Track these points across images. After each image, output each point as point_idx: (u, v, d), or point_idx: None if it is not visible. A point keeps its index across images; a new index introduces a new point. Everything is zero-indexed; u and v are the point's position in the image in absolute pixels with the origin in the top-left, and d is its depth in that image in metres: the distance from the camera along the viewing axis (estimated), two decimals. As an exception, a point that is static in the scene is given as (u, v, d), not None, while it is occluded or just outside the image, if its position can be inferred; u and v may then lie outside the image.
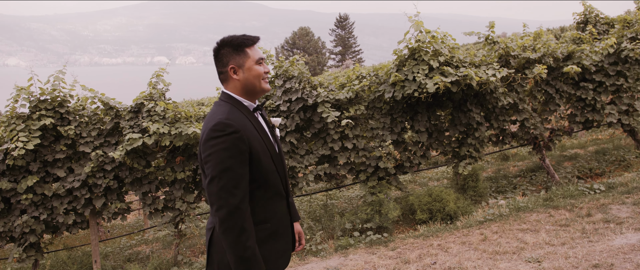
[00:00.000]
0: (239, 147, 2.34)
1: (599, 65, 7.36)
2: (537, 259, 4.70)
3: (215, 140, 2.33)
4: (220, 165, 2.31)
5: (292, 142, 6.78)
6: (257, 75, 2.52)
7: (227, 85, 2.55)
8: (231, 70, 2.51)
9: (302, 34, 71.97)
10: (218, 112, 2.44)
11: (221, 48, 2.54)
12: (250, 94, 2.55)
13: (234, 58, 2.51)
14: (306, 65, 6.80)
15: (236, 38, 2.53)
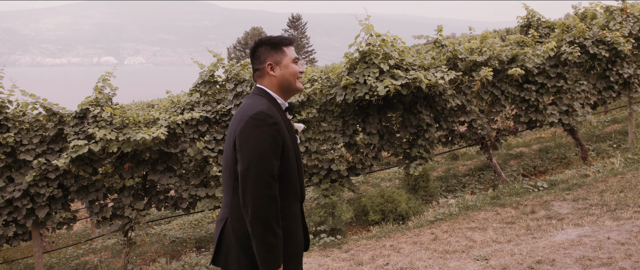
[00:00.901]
0: (276, 140, 2.40)
1: (541, 67, 7.66)
2: (485, 257, 4.84)
3: (256, 129, 2.38)
4: (257, 154, 2.35)
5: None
6: (293, 73, 2.61)
7: (263, 81, 2.61)
8: (268, 66, 2.58)
9: (254, 34, 71.48)
10: (258, 103, 2.48)
11: (259, 46, 2.63)
12: (285, 91, 2.62)
13: (271, 55, 2.58)
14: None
15: (274, 37, 2.62)
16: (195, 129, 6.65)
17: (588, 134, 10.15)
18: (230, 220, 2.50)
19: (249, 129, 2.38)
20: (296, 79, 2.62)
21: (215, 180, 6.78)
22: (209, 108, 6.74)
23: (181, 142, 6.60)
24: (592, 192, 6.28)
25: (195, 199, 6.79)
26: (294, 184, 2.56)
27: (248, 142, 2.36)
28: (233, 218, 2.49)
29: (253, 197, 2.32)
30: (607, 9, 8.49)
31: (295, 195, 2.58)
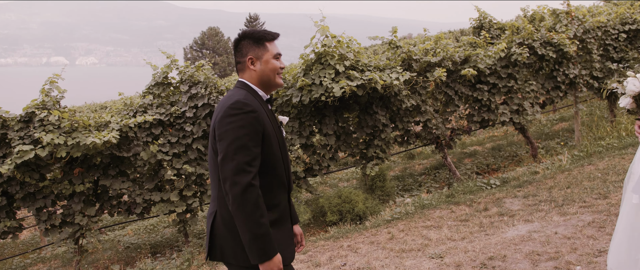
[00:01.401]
0: (254, 127, 2.41)
1: (493, 68, 7.86)
2: (440, 255, 4.92)
3: (233, 118, 2.39)
4: (235, 143, 2.36)
5: (200, 149, 6.62)
6: (273, 69, 2.62)
7: (244, 74, 2.64)
8: (249, 60, 2.60)
9: (211, 34, 70.58)
10: (235, 94, 2.51)
11: (242, 39, 2.64)
12: (265, 86, 2.64)
13: (253, 50, 2.60)
14: (215, 67, 6.68)
15: (257, 31, 2.63)
16: (148, 132, 6.50)
17: (538, 132, 10.50)
18: (219, 212, 2.51)
19: (227, 118, 2.39)
20: (276, 75, 2.63)
21: (170, 184, 6.65)
22: (163, 110, 6.60)
23: (134, 146, 6.43)
24: (541, 188, 6.49)
25: (150, 204, 6.64)
26: (280, 173, 2.57)
27: (226, 132, 2.38)
28: (223, 210, 2.49)
29: (232, 186, 2.33)
30: (554, 12, 8.80)
31: (283, 186, 2.59)
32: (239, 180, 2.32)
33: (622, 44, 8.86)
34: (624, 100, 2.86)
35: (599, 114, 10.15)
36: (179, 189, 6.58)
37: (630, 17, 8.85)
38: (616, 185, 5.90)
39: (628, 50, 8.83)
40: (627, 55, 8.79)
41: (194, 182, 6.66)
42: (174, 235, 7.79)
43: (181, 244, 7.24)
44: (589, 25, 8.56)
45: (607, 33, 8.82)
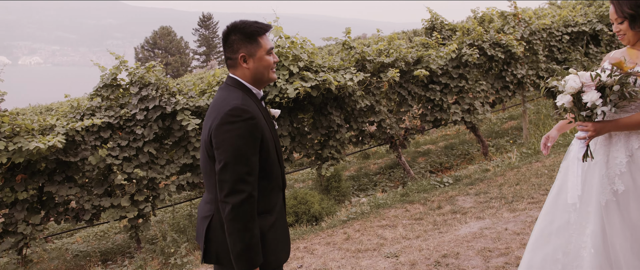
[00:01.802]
0: (253, 134, 2.34)
1: (444, 68, 8.02)
2: (395, 254, 4.97)
3: (232, 126, 2.30)
4: (235, 152, 2.30)
5: (151, 152, 6.44)
6: (268, 66, 2.52)
7: (235, 71, 2.52)
8: (241, 58, 2.48)
9: (163, 34, 69.17)
10: (232, 97, 2.41)
11: (231, 33, 2.49)
12: (258, 82, 2.54)
13: (245, 46, 2.47)
14: (167, 66, 6.53)
15: (248, 25, 2.47)
16: (97, 135, 6.28)
17: (488, 131, 10.79)
18: (217, 215, 2.45)
19: (225, 126, 2.31)
20: (270, 71, 2.54)
21: (121, 189, 6.44)
22: (112, 113, 6.39)
23: (82, 150, 6.20)
24: (492, 186, 6.66)
25: (100, 210, 6.42)
26: (277, 175, 2.54)
27: (225, 140, 2.30)
28: (220, 212, 2.42)
29: (231, 196, 2.29)
30: (502, 14, 9.06)
31: (278, 187, 2.57)
32: (239, 191, 2.29)
33: (566, 45, 9.22)
34: (562, 98, 2.88)
35: (546, 113, 10.52)
36: (130, 194, 6.39)
37: (572, 20, 9.22)
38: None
39: (571, 51, 9.19)
40: (570, 56, 9.15)
41: (145, 186, 6.48)
42: (125, 242, 7.57)
43: (133, 250, 7.04)
44: (535, 27, 8.85)
45: (552, 35, 9.15)
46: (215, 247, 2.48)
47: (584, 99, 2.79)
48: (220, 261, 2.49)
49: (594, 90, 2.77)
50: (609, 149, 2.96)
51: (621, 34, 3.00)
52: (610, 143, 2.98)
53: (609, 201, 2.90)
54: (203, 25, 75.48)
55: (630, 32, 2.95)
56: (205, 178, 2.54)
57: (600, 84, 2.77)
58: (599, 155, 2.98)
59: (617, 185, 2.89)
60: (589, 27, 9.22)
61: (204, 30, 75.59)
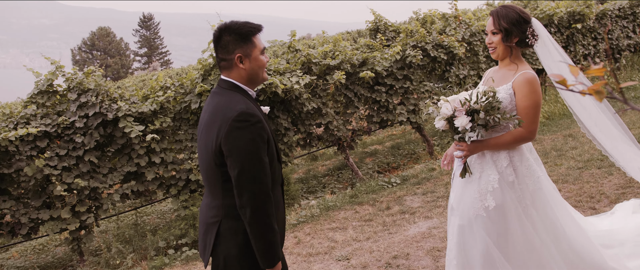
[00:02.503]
0: (262, 137, 2.42)
1: (389, 70, 8.14)
2: (346, 257, 5.00)
3: (242, 132, 2.37)
4: (249, 156, 2.37)
5: (93, 161, 6.19)
6: (262, 66, 2.57)
7: (230, 73, 2.54)
8: (238, 59, 2.50)
9: (102, 35, 66.91)
10: (234, 101, 2.45)
11: (224, 34, 2.50)
12: (253, 83, 2.59)
13: (241, 47, 2.49)
14: (107, 69, 6.29)
15: (242, 25, 2.51)
16: (32, 145, 5.97)
17: (433, 130, 11.02)
18: (226, 221, 2.50)
19: (236, 132, 2.36)
20: (263, 71, 2.59)
21: (61, 200, 6.15)
22: (49, 121, 6.09)
23: (16, 161, 5.88)
24: (438, 184, 6.81)
25: (38, 223, 6.10)
26: (277, 171, 2.61)
27: (238, 147, 2.36)
28: (229, 218, 2.49)
29: (250, 200, 2.37)
30: (444, 15, 9.29)
31: (277, 181, 2.64)
32: (258, 191, 2.38)
33: (504, 45, 9.56)
34: (438, 123, 3.06)
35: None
36: (71, 205, 6.12)
37: (510, 20, 9.56)
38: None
39: (509, 52, 9.53)
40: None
41: (87, 196, 6.22)
42: (67, 255, 7.23)
43: (76, 263, 6.74)
44: (475, 29, 9.13)
45: (491, 36, 9.46)
46: (224, 253, 2.52)
47: (456, 123, 2.98)
48: (229, 266, 2.53)
49: (464, 116, 2.95)
50: (483, 166, 3.13)
51: (492, 47, 3.15)
52: (483, 161, 3.14)
53: (478, 216, 3.06)
54: (144, 26, 73.53)
55: (500, 46, 3.11)
56: (207, 184, 2.59)
57: (470, 109, 2.96)
58: (474, 172, 3.15)
59: (489, 201, 3.04)
60: (524, 28, 9.61)
61: (145, 31, 73.68)
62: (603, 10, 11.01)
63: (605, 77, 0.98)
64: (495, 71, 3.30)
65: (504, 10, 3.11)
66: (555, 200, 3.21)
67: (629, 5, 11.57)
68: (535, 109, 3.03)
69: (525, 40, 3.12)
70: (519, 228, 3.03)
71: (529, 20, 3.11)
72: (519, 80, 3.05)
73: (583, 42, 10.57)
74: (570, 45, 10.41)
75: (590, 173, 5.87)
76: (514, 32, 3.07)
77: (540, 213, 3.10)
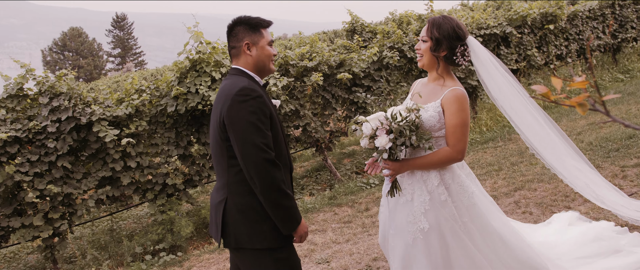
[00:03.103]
0: (264, 111, 2.52)
1: (366, 71, 8.15)
2: (327, 260, 4.98)
3: (243, 105, 2.47)
4: (251, 127, 2.46)
5: (66, 166, 6.05)
6: (269, 56, 2.72)
7: (239, 60, 2.71)
8: (245, 46, 2.67)
9: (73, 35, 65.66)
10: (238, 81, 2.58)
11: (237, 25, 2.71)
12: (260, 71, 2.73)
13: (249, 35, 2.67)
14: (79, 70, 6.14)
15: (253, 18, 2.70)
16: (2, 151, 5.80)
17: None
18: (231, 199, 2.58)
19: (237, 106, 2.48)
20: (270, 61, 2.74)
21: (33, 207, 5.99)
22: (19, 126, 5.92)
23: (-15, 167, 5.70)
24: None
25: (8, 231, 5.94)
26: (284, 155, 2.68)
27: (238, 119, 2.47)
28: (234, 195, 2.58)
29: (257, 169, 2.45)
30: (420, 16, 9.35)
31: (286, 166, 2.71)
32: (263, 161, 2.45)
33: (479, 46, 9.66)
34: (362, 141, 2.99)
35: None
36: (44, 212, 5.96)
37: (484, 22, 9.68)
38: (480, 178, 6.39)
39: (484, 52, 9.63)
40: (484, 56, 9.59)
41: (60, 202, 6.07)
42: (40, 262, 7.06)
43: (48, 271, 6.58)
44: (450, 30, 9.21)
45: (466, 36, 9.56)
46: (233, 230, 2.60)
47: (376, 143, 2.87)
48: (240, 243, 2.60)
49: (384, 135, 2.84)
50: (413, 187, 3.00)
51: (419, 54, 3.07)
52: (414, 181, 3.02)
53: (416, 239, 2.94)
54: (117, 26, 72.43)
55: (427, 55, 3.01)
56: (216, 165, 2.69)
57: (390, 128, 2.84)
58: (405, 193, 3.02)
59: (423, 223, 2.92)
60: (499, 29, 9.73)
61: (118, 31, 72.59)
62: (574, 11, 11.22)
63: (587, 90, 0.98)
64: (424, 84, 3.18)
65: (441, 20, 2.98)
66: (493, 213, 3.12)
67: (598, 6, 11.81)
68: (464, 128, 2.93)
69: (453, 58, 2.99)
70: (459, 247, 2.92)
71: (463, 38, 2.98)
72: (448, 97, 2.94)
73: (555, 43, 10.75)
74: (544, 46, 10.58)
75: (565, 172, 5.96)
76: (444, 44, 2.95)
77: (479, 228, 3.01)
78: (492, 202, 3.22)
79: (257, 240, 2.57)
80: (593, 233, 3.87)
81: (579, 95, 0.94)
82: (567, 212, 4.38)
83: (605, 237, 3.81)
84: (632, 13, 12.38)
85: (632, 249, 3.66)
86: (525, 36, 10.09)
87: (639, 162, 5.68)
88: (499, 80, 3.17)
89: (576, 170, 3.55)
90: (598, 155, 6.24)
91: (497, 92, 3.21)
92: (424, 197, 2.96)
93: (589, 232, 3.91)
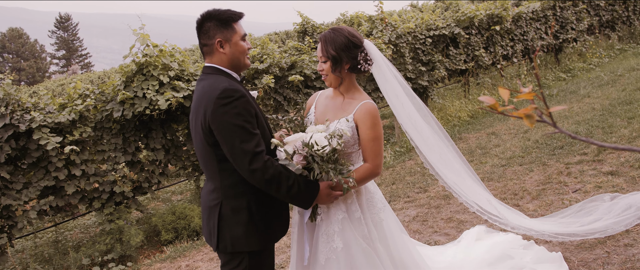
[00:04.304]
0: (249, 111, 2.45)
1: (318, 73, 8.13)
2: (281, 265, 4.92)
3: (227, 107, 2.39)
4: (238, 130, 2.39)
5: (4, 177, 5.72)
6: (243, 51, 2.63)
7: (212, 58, 2.61)
8: (218, 44, 2.57)
9: (13, 36, 62.84)
10: (217, 81, 2.48)
11: (206, 20, 2.58)
12: (235, 68, 2.63)
13: (221, 32, 2.56)
14: (20, 72, 5.83)
15: (223, 12, 2.57)
16: None
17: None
18: (226, 202, 2.54)
19: (221, 109, 2.39)
20: (245, 56, 2.64)
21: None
22: (-49, 135, 5.57)
23: None
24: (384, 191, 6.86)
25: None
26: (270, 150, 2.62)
27: (225, 122, 2.40)
28: (229, 198, 2.53)
29: (253, 172, 2.41)
30: (370, 18, 9.41)
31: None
32: (255, 158, 2.41)
33: (429, 47, 9.83)
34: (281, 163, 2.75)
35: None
36: (-20, 225, 5.63)
37: (433, 23, 9.85)
38: (433, 179, 6.48)
39: (434, 53, 9.81)
40: (433, 57, 9.76)
41: (-2, 215, 5.75)
42: (-24, 278, 6.67)
43: (-13, 287, 6.22)
44: (401, 31, 9.32)
45: (416, 38, 9.71)
46: (229, 233, 2.55)
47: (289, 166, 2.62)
48: (235, 246, 2.55)
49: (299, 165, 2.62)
50: (329, 206, 2.85)
51: (324, 74, 2.90)
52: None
53: (329, 259, 2.84)
54: (61, 27, 69.85)
55: (331, 75, 2.86)
56: (205, 168, 2.62)
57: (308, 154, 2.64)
58: (321, 212, 2.88)
59: (336, 242, 2.82)
60: (448, 30, 9.92)
61: (62, 32, 70.05)
62: (518, 12, 11.59)
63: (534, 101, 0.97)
64: (329, 97, 3.01)
65: (332, 34, 2.83)
66: (398, 233, 3.06)
67: (541, 7, 12.25)
68: (380, 141, 2.82)
69: (358, 67, 2.85)
70: (367, 266, 2.82)
71: (360, 44, 2.85)
72: (361, 112, 2.80)
73: (502, 43, 11.07)
74: (490, 46, 10.87)
75: (513, 170, 6.13)
76: (344, 58, 2.81)
77: (384, 247, 2.93)
78: (398, 221, 3.16)
79: (253, 242, 2.56)
80: (499, 249, 3.82)
81: (526, 107, 0.93)
82: (475, 227, 4.32)
83: (511, 254, 3.76)
84: (572, 15, 12.91)
85: (534, 266, 3.61)
86: (472, 37, 10.34)
87: (582, 159, 5.89)
88: (392, 82, 3.08)
89: (477, 186, 3.53)
90: (544, 152, 6.45)
91: (392, 93, 3.11)
92: (339, 214, 2.83)
93: (495, 248, 3.85)
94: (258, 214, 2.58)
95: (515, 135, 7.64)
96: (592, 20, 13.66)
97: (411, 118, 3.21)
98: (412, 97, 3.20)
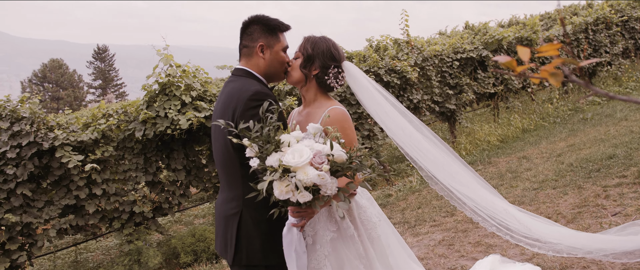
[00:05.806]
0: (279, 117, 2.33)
1: (343, 95, 8.03)
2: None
3: (257, 109, 2.28)
4: None
5: (26, 194, 5.73)
6: (282, 62, 2.59)
7: (249, 61, 2.55)
8: (259, 48, 2.52)
9: (53, 66, 65.14)
10: (249, 83, 2.42)
11: (253, 23, 2.55)
12: (269, 77, 2.58)
13: (265, 37, 2.52)
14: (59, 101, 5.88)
15: (271, 19, 2.54)
16: (-43, 179, 5.49)
17: (389, 156, 10.95)
18: (247, 212, 2.40)
19: (252, 111, 2.31)
20: (283, 68, 2.60)
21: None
22: (-23, 153, 5.63)
23: (-62, 197, 5.38)
24: (395, 210, 6.65)
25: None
26: None
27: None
28: (250, 208, 2.39)
29: None
30: (396, 41, 9.31)
31: None
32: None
33: (456, 70, 9.65)
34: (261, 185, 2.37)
35: (442, 136, 10.89)
36: (0, 243, 5.62)
37: (460, 46, 9.68)
38: (460, 202, 6.20)
39: (461, 77, 9.61)
40: (461, 80, 9.56)
41: (19, 233, 5.74)
42: (-2, 298, 6.66)
43: (6, 307, 6.18)
44: (427, 54, 9.18)
45: (443, 61, 9.54)
46: (246, 245, 2.41)
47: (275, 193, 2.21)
48: (252, 260, 2.41)
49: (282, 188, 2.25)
50: (315, 227, 2.63)
51: (291, 68, 2.75)
52: (317, 221, 2.64)
53: None
54: (98, 58, 72.11)
55: (297, 71, 2.73)
56: (225, 175, 2.49)
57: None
58: (308, 236, 2.64)
59: (326, 268, 2.57)
60: (476, 53, 9.73)
61: (100, 62, 72.28)
62: (548, 36, 11.32)
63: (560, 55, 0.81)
64: (300, 112, 2.86)
65: (318, 38, 2.76)
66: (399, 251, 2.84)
67: (572, 31, 11.95)
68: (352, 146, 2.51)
69: (325, 78, 2.71)
70: None
71: (339, 60, 2.76)
72: (333, 116, 2.63)
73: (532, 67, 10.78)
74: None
75: (546, 193, 5.83)
76: (316, 61, 2.70)
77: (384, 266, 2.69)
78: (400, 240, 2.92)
79: (270, 256, 2.43)
80: None
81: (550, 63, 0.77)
82: (489, 256, 3.94)
83: None
84: (605, 38, 12.55)
85: None
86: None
87: (621, 182, 5.56)
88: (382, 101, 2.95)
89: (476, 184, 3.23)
90: (579, 175, 6.13)
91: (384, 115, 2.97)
92: (328, 235, 2.59)
93: None
94: (279, 227, 2.42)
95: (548, 158, 7.32)
96: (627, 44, 13.25)
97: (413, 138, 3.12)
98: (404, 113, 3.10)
